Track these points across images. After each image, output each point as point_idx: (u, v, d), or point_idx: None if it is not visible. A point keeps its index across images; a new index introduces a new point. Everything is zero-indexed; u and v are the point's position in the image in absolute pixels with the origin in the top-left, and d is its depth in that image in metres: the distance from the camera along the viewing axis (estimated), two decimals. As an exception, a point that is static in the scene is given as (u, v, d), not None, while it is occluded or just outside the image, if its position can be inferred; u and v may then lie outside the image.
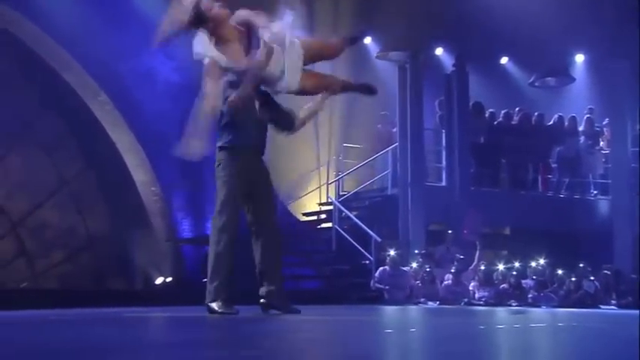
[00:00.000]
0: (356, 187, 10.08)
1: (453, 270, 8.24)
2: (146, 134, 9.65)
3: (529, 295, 8.11)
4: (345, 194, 9.92)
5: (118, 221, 10.00)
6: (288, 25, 3.98)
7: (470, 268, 8.52)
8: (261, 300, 4.18)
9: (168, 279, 9.65)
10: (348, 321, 4.22)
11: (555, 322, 4.63)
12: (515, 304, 7.75)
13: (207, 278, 4.08)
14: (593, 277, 8.22)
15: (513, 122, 10.54)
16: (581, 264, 8.48)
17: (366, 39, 10.77)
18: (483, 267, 8.34)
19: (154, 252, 9.87)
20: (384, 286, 8.10)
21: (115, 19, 9.36)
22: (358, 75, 10.84)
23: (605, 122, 10.99)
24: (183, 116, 4.17)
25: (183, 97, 4.16)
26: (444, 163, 9.77)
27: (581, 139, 10.69)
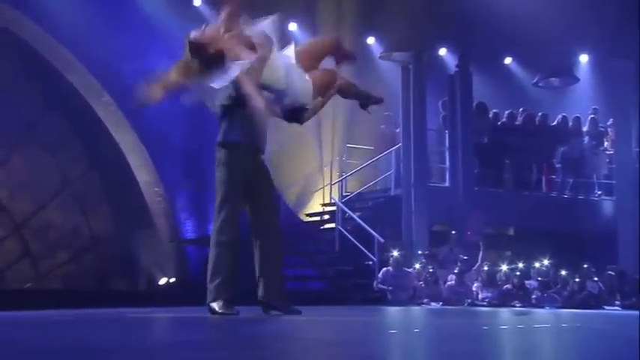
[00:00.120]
0: (359, 188, 10.07)
1: (456, 271, 8.23)
2: (149, 135, 9.66)
3: (533, 295, 8.08)
4: (348, 195, 9.91)
5: (122, 222, 10.02)
6: (272, 24, 3.93)
7: (473, 268, 8.50)
8: (262, 301, 4.17)
9: (172, 279, 9.65)
10: (351, 322, 4.21)
11: (559, 322, 4.61)
12: (518, 305, 7.73)
13: (207, 278, 4.08)
14: (597, 278, 8.19)
15: (517, 122, 10.52)
16: (585, 265, 8.45)
17: (370, 39, 10.78)
18: (487, 268, 8.32)
19: (157, 252, 9.88)
20: (387, 287, 8.09)
21: (118, 19, 9.37)
22: (361, 75, 10.86)
23: (609, 122, 10.96)
24: (186, 117, 4.17)
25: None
26: (448, 163, 9.75)
27: (585, 140, 10.66)
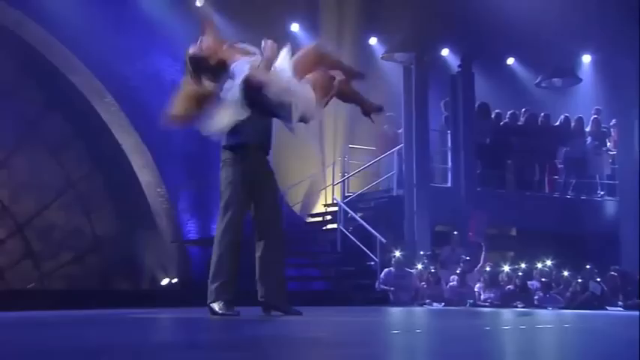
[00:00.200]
0: (361, 189, 10.07)
1: (458, 271, 8.22)
2: (152, 136, 9.67)
3: (535, 296, 8.07)
4: (350, 195, 9.91)
5: (124, 222, 10.03)
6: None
7: (475, 269, 8.50)
8: (262, 301, 4.17)
9: (174, 280, 9.66)
10: (353, 322, 4.21)
11: (561, 323, 4.61)
12: (520, 306, 7.72)
13: (209, 278, 4.08)
14: (600, 279, 8.17)
15: (519, 123, 10.51)
16: (588, 265, 8.44)
17: (372, 40, 10.78)
18: (489, 268, 8.31)
19: (159, 253, 9.89)
20: (389, 288, 8.09)
21: (121, 20, 9.39)
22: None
23: (612, 123, 10.94)
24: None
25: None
26: (450, 164, 9.74)
27: (588, 140, 10.64)
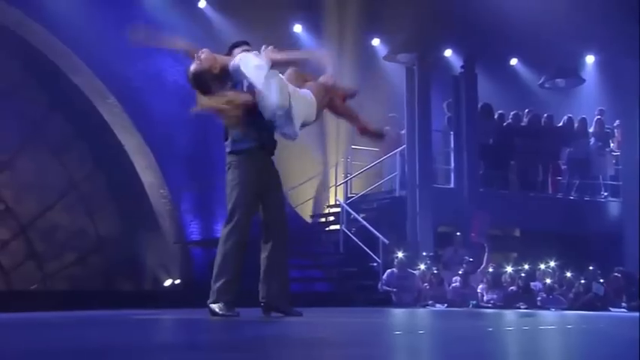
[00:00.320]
0: (364, 190, 10.06)
1: (461, 272, 8.21)
2: (154, 136, 9.68)
3: (538, 297, 8.05)
4: (353, 196, 9.91)
5: (127, 223, 10.04)
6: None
7: (478, 270, 8.49)
8: (263, 302, 4.17)
9: (177, 281, 9.67)
10: (355, 323, 4.20)
11: (564, 324, 4.59)
12: (523, 307, 7.70)
13: (212, 278, 4.07)
14: (603, 280, 8.15)
15: (523, 124, 10.49)
16: (591, 266, 8.42)
17: (374, 41, 10.78)
18: (492, 269, 8.30)
19: (162, 254, 9.89)
20: (392, 289, 8.08)
21: (123, 21, 9.39)
22: (366, 77, 10.86)
23: (615, 124, 10.92)
24: (191, 118, 4.18)
25: (191, 99, 4.15)
26: (453, 164, 9.73)
27: (592, 141, 10.62)
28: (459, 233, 9.07)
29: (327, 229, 9.97)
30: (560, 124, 10.66)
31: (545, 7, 9.33)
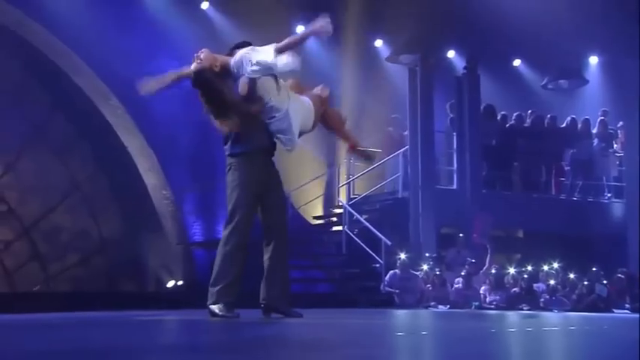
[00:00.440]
0: (367, 191, 10.06)
1: (463, 273, 8.20)
2: (157, 138, 9.69)
3: (541, 299, 8.04)
4: (355, 197, 9.90)
5: (130, 224, 10.05)
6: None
7: (481, 271, 8.47)
8: (263, 303, 4.17)
9: (180, 282, 9.67)
10: (358, 324, 4.20)
11: (567, 325, 4.58)
12: (526, 308, 7.69)
13: (210, 280, 4.07)
14: (606, 281, 8.13)
15: (526, 125, 10.47)
16: (594, 268, 8.40)
17: (377, 42, 10.78)
18: (494, 270, 8.29)
19: (165, 255, 9.90)
20: (395, 290, 8.08)
21: (126, 22, 9.41)
22: (369, 78, 10.86)
23: (619, 125, 10.90)
24: (194, 120, 4.19)
25: (194, 100, 4.16)
26: (455, 166, 9.72)
27: (595, 142, 10.60)
28: (461, 235, 9.05)
29: (329, 230, 9.97)
30: (564, 125, 10.64)
31: (548, 7, 9.31)
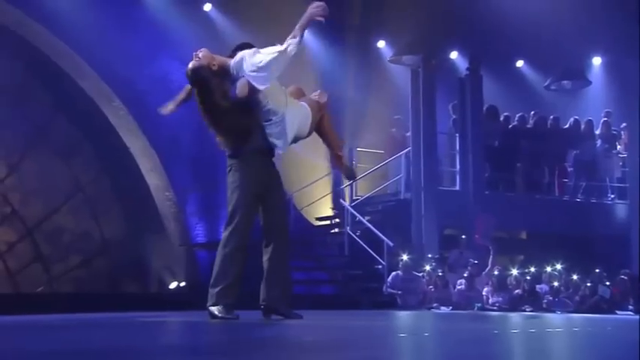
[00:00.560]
0: (369, 192, 10.05)
1: (466, 275, 8.19)
2: (160, 139, 9.70)
3: (544, 300, 8.02)
4: (358, 199, 9.89)
5: (133, 226, 10.06)
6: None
7: (483, 273, 8.46)
8: (263, 305, 4.16)
9: (182, 283, 9.68)
10: (360, 326, 4.19)
11: (570, 327, 4.57)
12: (529, 310, 7.67)
13: (210, 281, 4.06)
14: (609, 282, 8.11)
15: (528, 126, 10.46)
16: (597, 269, 8.38)
17: (380, 43, 10.78)
18: (497, 272, 8.27)
19: (167, 256, 9.91)
20: (397, 291, 8.07)
21: (129, 24, 9.43)
22: (372, 79, 10.86)
23: (622, 125, 10.87)
24: (196, 121, 4.19)
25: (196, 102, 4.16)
26: (458, 167, 9.71)
27: (598, 143, 10.57)
28: (464, 236, 9.04)
29: (332, 232, 9.96)
30: (567, 126, 10.62)
31: (551, 8, 9.30)
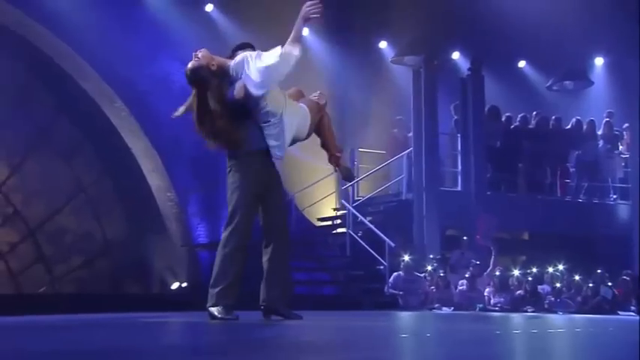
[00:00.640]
0: (371, 192, 10.05)
1: (467, 275, 8.18)
2: (161, 140, 9.71)
3: (545, 301, 8.01)
4: (360, 199, 9.89)
5: (135, 226, 10.07)
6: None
7: (485, 273, 8.45)
8: (263, 305, 4.16)
9: (184, 284, 9.68)
10: (361, 326, 4.19)
11: (570, 327, 4.56)
12: (531, 310, 7.66)
13: (210, 282, 4.06)
14: (612, 283, 8.10)
15: (530, 126, 10.45)
16: (599, 270, 8.37)
17: (382, 43, 10.77)
18: (499, 273, 8.27)
19: (169, 257, 9.91)
20: (398, 292, 8.07)
21: (130, 25, 9.44)
22: (373, 80, 10.85)
23: (624, 126, 10.86)
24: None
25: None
26: (460, 167, 9.70)
27: (600, 143, 10.56)
28: (465, 238, 9.03)
29: (334, 232, 9.96)
30: (569, 127, 10.61)
31: (553, 8, 9.29)
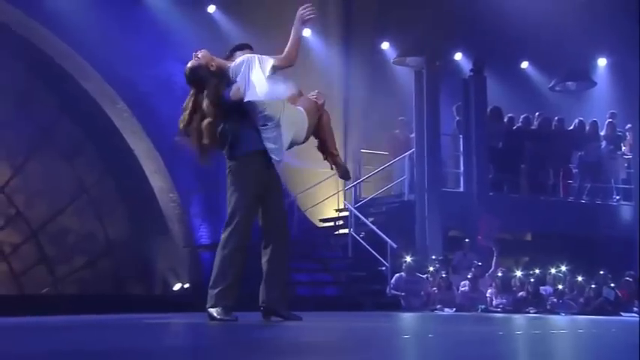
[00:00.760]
0: (373, 193, 10.04)
1: (469, 276, 8.17)
2: (164, 141, 9.71)
3: (548, 302, 8.00)
4: (362, 200, 9.89)
5: (137, 227, 10.08)
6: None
7: (487, 274, 8.44)
8: (262, 306, 4.16)
9: (186, 285, 9.69)
10: (363, 327, 4.18)
11: (572, 328, 4.55)
12: (533, 311, 7.65)
13: (210, 283, 4.06)
14: (614, 284, 8.08)
15: (533, 127, 10.44)
16: (602, 271, 8.35)
17: (384, 44, 10.78)
18: (501, 273, 8.25)
19: (172, 258, 9.92)
20: (400, 293, 8.06)
21: (132, 26, 9.46)
22: (376, 81, 10.85)
23: (627, 127, 10.84)
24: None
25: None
26: (462, 168, 9.70)
27: (603, 144, 10.54)
28: (467, 239, 9.02)
29: (336, 233, 9.95)
30: (571, 128, 10.59)
31: (555, 9, 9.29)
